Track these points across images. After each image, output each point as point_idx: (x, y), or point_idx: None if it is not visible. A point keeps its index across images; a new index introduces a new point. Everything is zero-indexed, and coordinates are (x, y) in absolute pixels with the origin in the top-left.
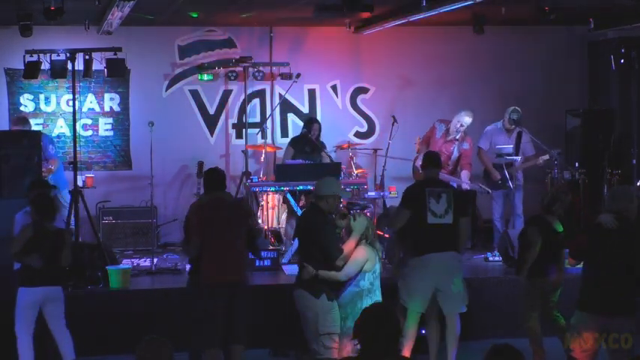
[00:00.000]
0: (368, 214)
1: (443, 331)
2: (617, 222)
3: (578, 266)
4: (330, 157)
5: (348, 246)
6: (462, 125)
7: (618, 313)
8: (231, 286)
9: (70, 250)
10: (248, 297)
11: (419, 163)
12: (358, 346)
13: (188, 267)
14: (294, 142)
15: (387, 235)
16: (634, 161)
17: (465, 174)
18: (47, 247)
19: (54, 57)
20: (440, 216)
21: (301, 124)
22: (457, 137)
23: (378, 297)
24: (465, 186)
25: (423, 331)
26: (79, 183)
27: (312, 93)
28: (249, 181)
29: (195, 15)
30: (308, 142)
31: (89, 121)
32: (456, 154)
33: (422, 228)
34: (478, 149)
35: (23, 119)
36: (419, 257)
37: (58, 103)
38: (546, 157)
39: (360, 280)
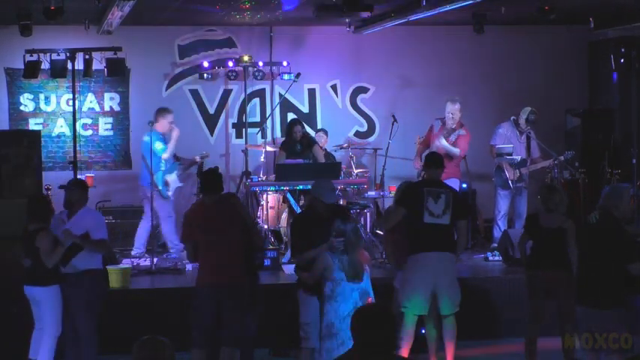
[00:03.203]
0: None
1: (441, 331)
2: (599, 218)
3: None
4: (321, 148)
5: (310, 251)
6: (452, 114)
7: (597, 307)
8: (220, 287)
9: (50, 251)
10: (240, 299)
11: (417, 164)
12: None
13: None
14: (283, 145)
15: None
16: (634, 161)
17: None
18: (25, 247)
19: (54, 56)
20: (437, 216)
21: None
22: (453, 126)
23: (343, 305)
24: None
25: (423, 331)
26: None
27: (312, 92)
28: (249, 180)
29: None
30: (296, 142)
31: (89, 121)
32: (452, 139)
33: (418, 227)
34: (491, 147)
35: (164, 110)
36: (414, 256)
37: (58, 103)
38: (553, 160)
39: (324, 286)
